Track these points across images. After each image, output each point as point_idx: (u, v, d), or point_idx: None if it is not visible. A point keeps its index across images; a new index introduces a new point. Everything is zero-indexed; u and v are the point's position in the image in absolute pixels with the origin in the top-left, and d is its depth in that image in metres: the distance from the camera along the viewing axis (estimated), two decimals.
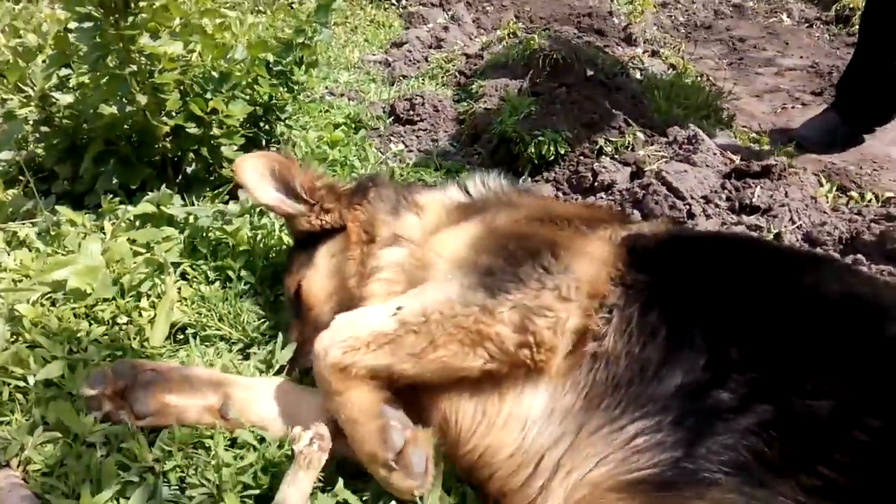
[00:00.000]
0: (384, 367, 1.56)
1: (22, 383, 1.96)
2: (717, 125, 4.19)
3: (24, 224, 2.65)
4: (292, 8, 6.42)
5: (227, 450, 1.74)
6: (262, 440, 1.77)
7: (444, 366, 1.53)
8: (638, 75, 4.85)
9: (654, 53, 5.47)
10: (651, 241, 1.61)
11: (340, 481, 1.64)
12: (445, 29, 5.68)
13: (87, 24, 2.26)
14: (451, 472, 1.61)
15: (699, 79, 5.77)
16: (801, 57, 7.02)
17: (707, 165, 2.65)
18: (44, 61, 2.74)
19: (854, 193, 2.86)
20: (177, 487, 1.69)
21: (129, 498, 1.62)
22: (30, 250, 2.50)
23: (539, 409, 1.44)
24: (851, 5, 8.11)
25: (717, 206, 2.45)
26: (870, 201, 2.69)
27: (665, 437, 1.25)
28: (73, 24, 2.49)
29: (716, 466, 1.16)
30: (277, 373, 2.04)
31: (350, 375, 1.57)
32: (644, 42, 5.77)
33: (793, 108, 5.59)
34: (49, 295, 2.26)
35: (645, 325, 1.40)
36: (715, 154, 2.79)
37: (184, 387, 1.80)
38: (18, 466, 1.75)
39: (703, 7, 8.96)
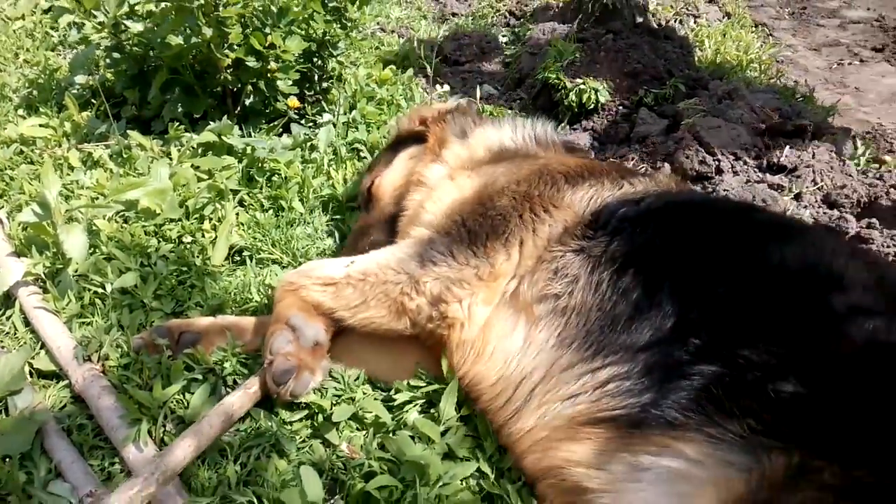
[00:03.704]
0: (327, 308, 1.90)
1: (100, 290, 2.24)
2: (765, 79, 4.16)
3: (98, 146, 2.90)
4: None
5: None
6: None
7: (376, 325, 1.88)
8: (692, 22, 4.79)
9: (711, 0, 5.35)
10: (633, 206, 1.76)
11: (360, 390, 1.89)
12: None
13: None
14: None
15: (755, 29, 5.65)
16: (868, 9, 6.74)
17: (742, 122, 2.71)
18: None
19: (889, 158, 2.89)
20: (233, 384, 1.95)
21: (193, 393, 1.88)
22: (104, 170, 2.74)
23: (519, 342, 1.67)
24: None
25: (745, 162, 2.53)
26: None
27: (633, 384, 1.45)
28: None
29: (678, 411, 1.36)
30: None
31: (293, 294, 1.93)
32: None
33: (849, 63, 5.45)
34: (122, 213, 2.51)
35: (618, 285, 1.58)
36: (752, 110, 2.84)
37: (221, 338, 2.03)
38: (98, 361, 2.03)
39: None
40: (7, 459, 1.74)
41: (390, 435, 1.78)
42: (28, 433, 1.79)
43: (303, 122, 3.27)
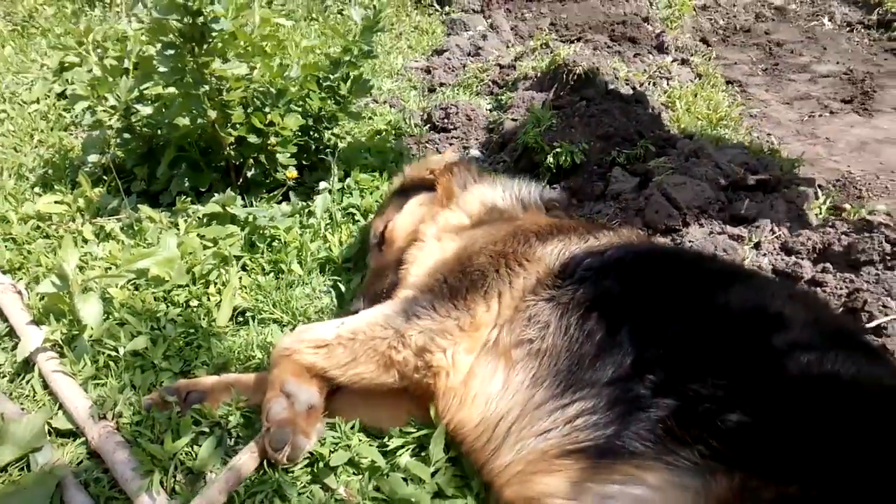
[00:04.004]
0: (319, 369, 2.05)
1: (114, 353, 2.41)
2: (735, 135, 4.42)
3: (110, 220, 3.12)
4: (342, 14, 6.85)
5: None
6: None
7: (365, 381, 2.03)
8: (665, 84, 5.09)
9: (684, 62, 5.68)
10: (597, 257, 1.95)
11: (356, 437, 2.04)
12: (484, 37, 6.01)
13: (169, 51, 2.69)
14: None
15: (728, 86, 5.97)
16: (837, 63, 7.09)
17: (706, 178, 2.93)
18: (130, 77, 3.19)
19: (848, 206, 3.10)
20: (236, 438, 2.10)
21: (200, 445, 2.03)
22: (116, 242, 2.95)
23: (498, 385, 1.84)
24: (894, 10, 8.11)
25: (709, 215, 2.74)
26: (854, 214, 2.93)
27: (599, 418, 1.60)
28: (154, 49, 2.93)
29: (639, 442, 1.51)
30: None
31: (287, 359, 2.08)
32: (675, 50, 5.98)
33: (820, 115, 5.74)
34: (134, 281, 2.70)
35: (584, 328, 1.76)
36: (717, 167, 3.07)
37: (226, 394, 2.20)
38: (112, 419, 2.18)
39: (743, 10, 9.02)
40: None
41: (384, 477, 1.92)
42: (48, 488, 1.93)
43: (301, 189, 3.50)
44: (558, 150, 3.39)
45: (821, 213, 2.99)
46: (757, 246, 2.54)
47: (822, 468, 1.31)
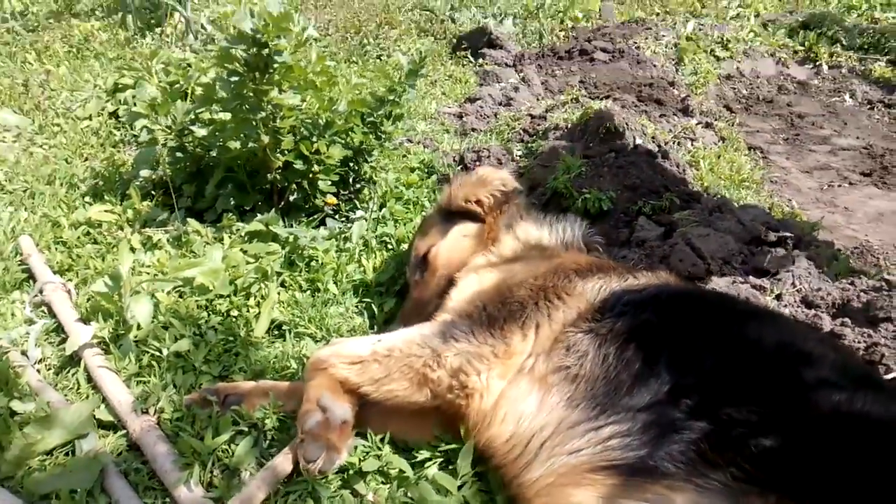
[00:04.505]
0: (353, 384, 2.13)
1: (157, 353, 2.53)
2: (756, 197, 4.56)
3: (157, 231, 3.28)
4: (380, 59, 7.15)
5: None
6: None
7: (398, 398, 2.10)
8: (689, 145, 5.27)
9: (708, 125, 5.87)
10: (636, 293, 2.06)
11: (386, 448, 2.12)
12: (516, 89, 6.25)
13: (233, 78, 2.89)
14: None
15: (750, 152, 6.14)
16: (857, 137, 7.27)
17: (730, 232, 3.06)
18: (188, 101, 3.39)
19: (867, 269, 3.20)
20: (271, 440, 2.20)
21: (237, 444, 2.13)
22: (164, 252, 3.10)
23: (533, 405, 1.92)
24: None
25: (732, 266, 2.86)
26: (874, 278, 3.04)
27: (633, 440, 1.69)
28: (213, 74, 3.14)
29: (671, 463, 1.59)
30: None
31: (322, 372, 2.16)
32: (700, 114, 6.18)
33: (839, 186, 5.88)
34: (179, 288, 2.84)
35: (622, 358, 1.85)
36: (740, 222, 3.20)
37: (263, 399, 2.30)
38: (154, 414, 2.29)
39: (766, 82, 9.26)
40: (73, 495, 1.97)
41: (414, 485, 2.00)
42: (93, 472, 2.03)
43: (337, 217, 3.66)
44: (587, 196, 3.54)
45: (840, 273, 3.09)
46: (778, 297, 2.64)
47: (856, 498, 1.39)
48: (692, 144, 5.18)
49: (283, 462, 2.03)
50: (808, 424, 1.57)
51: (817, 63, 9.27)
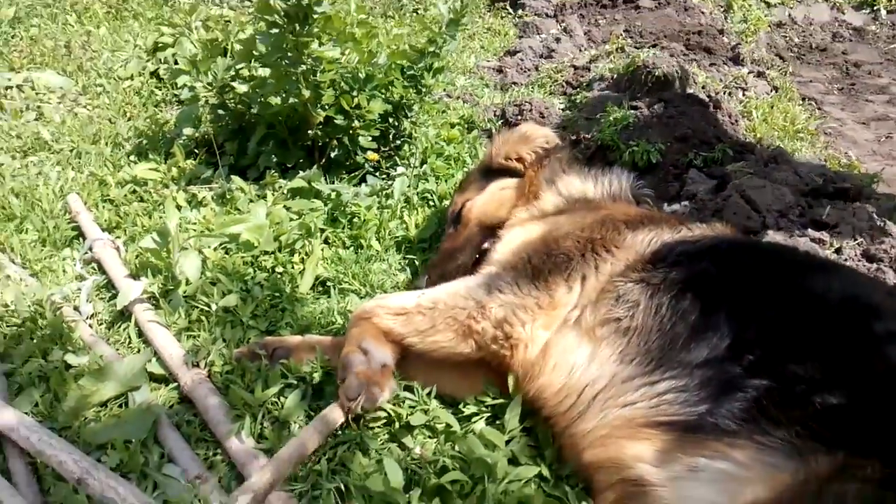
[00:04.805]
0: (397, 334, 2.14)
1: (206, 308, 2.55)
2: (811, 149, 4.37)
3: (202, 188, 3.29)
4: (417, 14, 7.00)
5: None
6: None
7: (442, 349, 2.09)
8: (741, 94, 5.06)
9: (760, 74, 5.62)
10: (691, 245, 1.98)
11: (433, 402, 2.11)
12: (557, 40, 6.05)
13: (273, 31, 2.84)
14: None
15: (803, 102, 5.87)
16: None
17: (786, 183, 2.92)
18: (228, 57, 3.36)
19: None
20: (320, 392, 2.21)
21: (286, 397, 2.15)
22: (209, 209, 3.11)
23: (583, 357, 1.88)
24: None
25: (789, 219, 2.74)
26: None
27: (690, 395, 1.64)
28: (254, 29, 3.09)
29: (731, 420, 1.54)
30: None
31: (367, 321, 2.17)
32: (751, 63, 5.91)
33: None
34: (225, 244, 2.85)
35: (676, 309, 1.79)
36: (796, 173, 3.06)
37: (310, 353, 2.30)
38: (205, 367, 2.32)
39: (820, 29, 8.81)
40: (128, 445, 2.02)
41: (462, 438, 1.99)
42: (146, 423, 2.07)
43: (377, 174, 3.62)
44: (635, 148, 3.42)
45: None
46: (838, 251, 2.53)
47: None
48: (744, 94, 4.96)
49: (333, 411, 2.04)
50: (877, 379, 1.50)
51: (875, 8, 8.78)
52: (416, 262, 2.93)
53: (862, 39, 8.61)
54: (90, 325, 2.57)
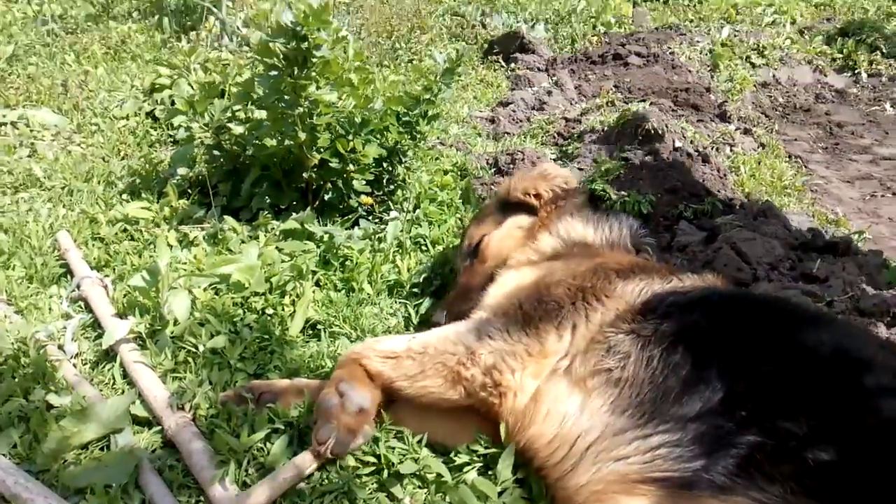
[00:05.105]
0: (386, 378, 2.12)
1: (193, 349, 2.51)
2: (798, 205, 4.44)
3: (194, 228, 3.27)
4: (412, 63, 7.14)
5: None
6: None
7: (431, 394, 2.07)
8: (728, 150, 5.16)
9: (747, 132, 5.74)
10: (681, 295, 1.98)
11: (423, 450, 2.07)
12: (549, 93, 6.18)
13: (272, 73, 2.88)
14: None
15: (789, 159, 6.00)
16: None
17: (776, 237, 2.96)
18: (225, 99, 3.39)
19: None
20: (305, 437, 2.15)
21: (273, 443, 2.09)
22: (200, 249, 3.09)
23: (575, 407, 1.86)
24: None
25: (780, 272, 2.76)
26: None
27: (684, 451, 1.61)
28: (252, 72, 3.13)
29: (726, 476, 1.52)
30: None
31: (354, 363, 2.15)
32: (738, 120, 6.05)
33: (882, 196, 5.70)
34: (215, 285, 2.82)
35: (668, 361, 1.77)
36: (785, 227, 3.10)
37: (298, 397, 2.27)
38: (190, 410, 2.26)
39: (804, 90, 9.06)
40: (108, 490, 1.95)
41: (453, 488, 1.94)
42: (128, 467, 2.01)
43: (370, 218, 3.62)
44: (626, 199, 3.46)
45: (891, 282, 2.98)
46: (829, 305, 2.54)
47: None
48: (731, 150, 5.06)
49: (303, 456, 1.99)
50: (869, 435, 1.49)
51: (856, 71, 9.05)
52: (409, 307, 2.90)
53: (844, 101, 8.85)
54: (74, 365, 2.51)
